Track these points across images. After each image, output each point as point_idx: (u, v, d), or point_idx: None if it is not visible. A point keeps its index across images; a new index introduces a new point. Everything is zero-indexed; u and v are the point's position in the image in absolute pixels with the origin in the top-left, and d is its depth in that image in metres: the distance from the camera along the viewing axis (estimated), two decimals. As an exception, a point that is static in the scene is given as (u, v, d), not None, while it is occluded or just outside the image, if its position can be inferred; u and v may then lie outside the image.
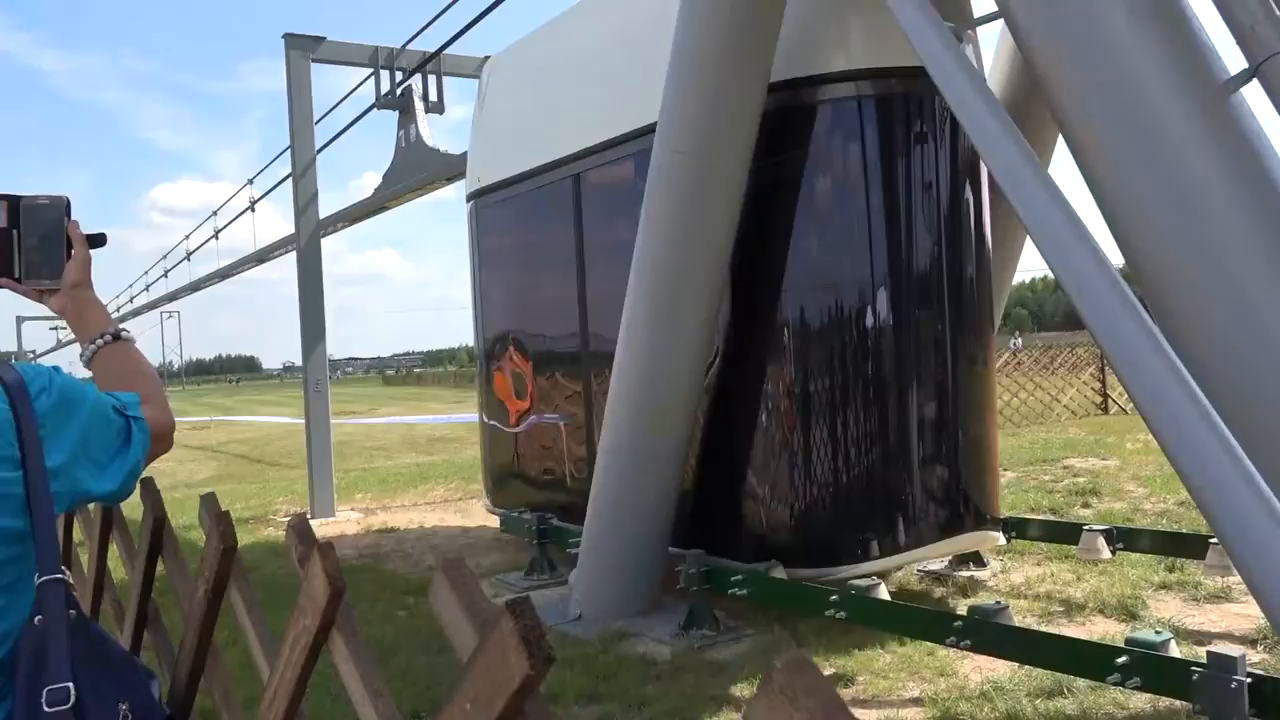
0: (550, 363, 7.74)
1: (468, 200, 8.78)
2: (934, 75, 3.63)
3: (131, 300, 39.34)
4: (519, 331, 8.11)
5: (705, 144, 5.37)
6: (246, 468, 19.28)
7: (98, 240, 1.64)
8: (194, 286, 28.28)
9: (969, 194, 5.91)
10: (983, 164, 5.34)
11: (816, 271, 5.82)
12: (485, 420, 8.73)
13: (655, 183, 5.60)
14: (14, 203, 1.56)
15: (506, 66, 8.59)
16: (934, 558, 6.46)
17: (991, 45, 6.21)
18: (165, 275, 30.69)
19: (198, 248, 24.70)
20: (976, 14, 5.75)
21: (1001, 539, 6.34)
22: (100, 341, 1.59)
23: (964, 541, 6.06)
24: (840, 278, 5.74)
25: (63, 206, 1.59)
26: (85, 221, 1.61)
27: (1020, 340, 50.14)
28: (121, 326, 1.65)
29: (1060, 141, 4.21)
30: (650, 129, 5.69)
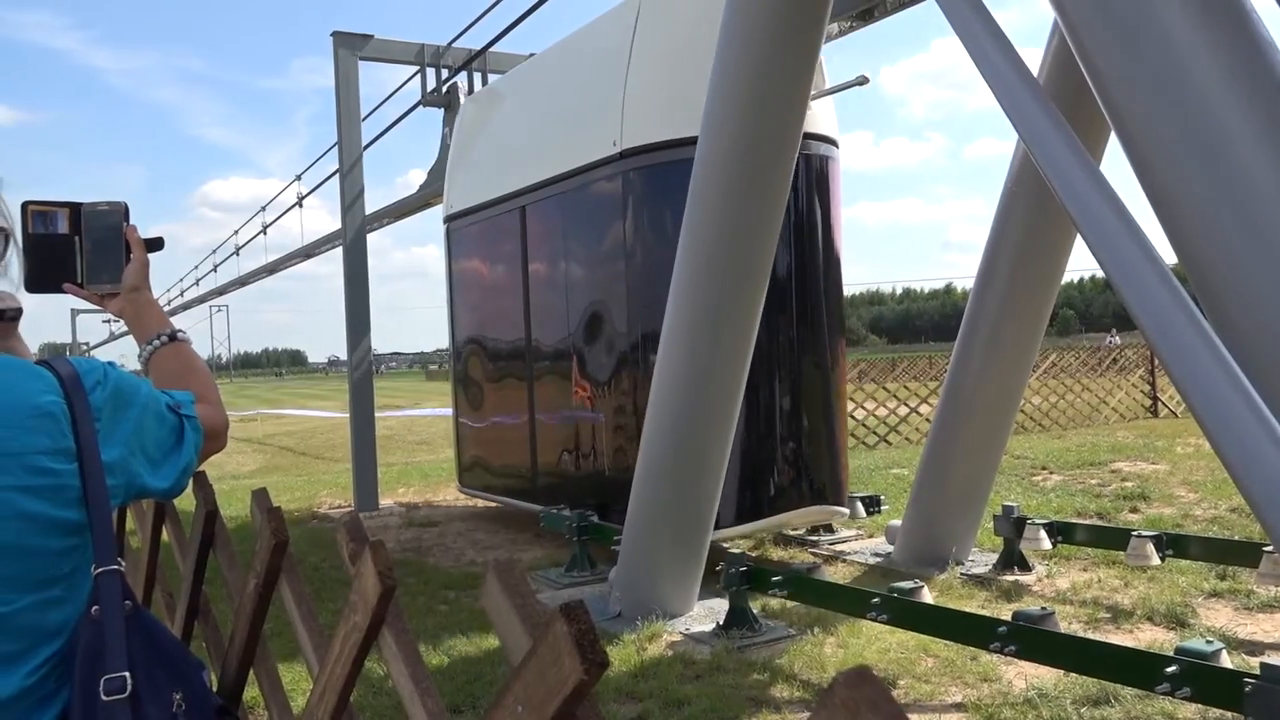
0: (502, 364, 9.18)
1: (444, 223, 10.12)
2: (982, 71, 3.58)
3: (182, 294, 40.05)
4: (481, 337, 9.65)
5: (749, 143, 5.36)
6: (292, 460, 19.53)
7: (155, 244, 1.67)
8: (242, 281, 28.71)
9: (824, 220, 7.26)
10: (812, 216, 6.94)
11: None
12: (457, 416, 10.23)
13: (699, 182, 5.60)
14: (76, 210, 1.61)
15: (477, 106, 10.00)
16: (791, 525, 7.81)
17: (1039, 42, 6.12)
18: (214, 270, 31.22)
19: (246, 243, 25.10)
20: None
21: (847, 513, 7.67)
22: (157, 342, 1.62)
23: (814, 514, 7.33)
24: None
25: (121, 212, 1.63)
26: (139, 217, 1.65)
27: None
28: (178, 327, 1.68)
29: (1112, 139, 4.14)
30: (572, 174, 7.65)
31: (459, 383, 10.18)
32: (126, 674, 1.24)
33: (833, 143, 7.43)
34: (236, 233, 25.32)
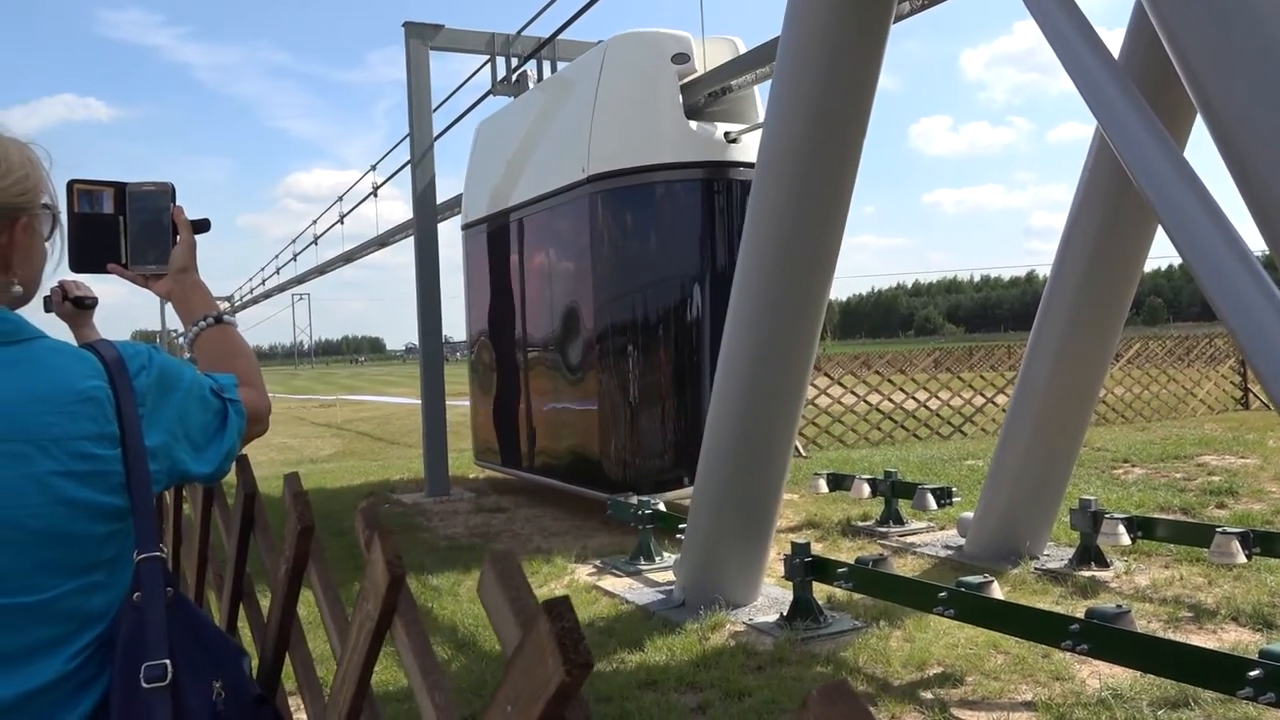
0: (502, 353, 10.64)
1: (461, 230, 11.63)
2: (1058, 52, 3.43)
3: (264, 282, 41.04)
4: (486, 330, 11.09)
5: (815, 127, 5.26)
6: (368, 445, 19.91)
7: (202, 225, 1.65)
8: (320, 270, 29.29)
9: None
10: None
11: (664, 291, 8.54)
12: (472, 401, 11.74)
13: (764, 167, 5.52)
14: (120, 189, 1.58)
15: (489, 127, 11.36)
16: None
17: (1121, 22, 5.88)
18: (294, 259, 31.90)
19: (324, 232, 25.59)
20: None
21: None
22: (203, 324, 1.61)
23: None
24: (679, 299, 8.50)
25: (168, 193, 1.61)
26: (227, 208, 1.64)
27: None
28: (224, 309, 1.68)
29: (1197, 125, 3.94)
30: (553, 193, 9.21)
31: (472, 370, 11.67)
32: (167, 661, 1.23)
33: None
34: (314, 222, 25.81)
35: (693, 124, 8.37)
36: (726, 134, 8.42)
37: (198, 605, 2.40)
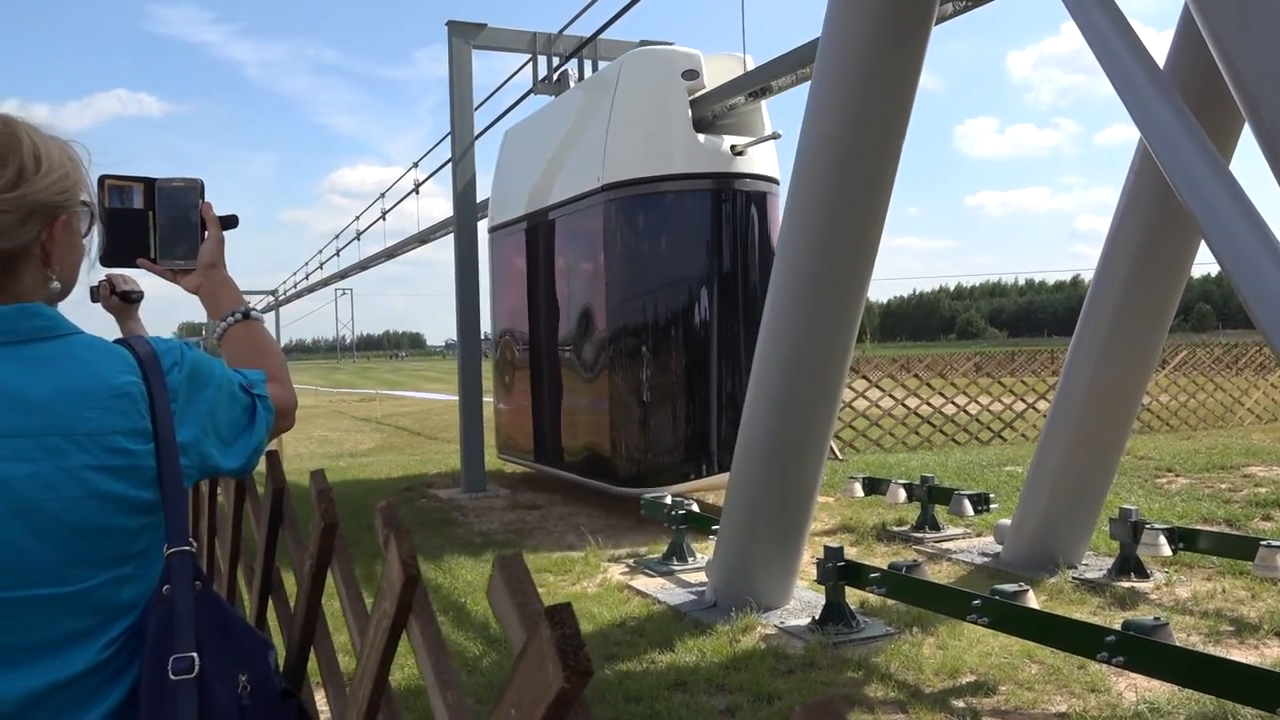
0: (520, 352, 11.08)
1: (487, 233, 12.00)
2: (1098, 56, 3.37)
3: (307, 277, 41.52)
4: (509, 330, 11.56)
5: (854, 128, 5.22)
6: (407, 440, 20.08)
7: (230, 222, 1.67)
8: (362, 265, 29.56)
9: (762, 243, 8.98)
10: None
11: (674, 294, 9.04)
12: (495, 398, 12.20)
13: (801, 168, 5.49)
14: (150, 185, 1.61)
15: (513, 136, 11.78)
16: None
17: (1168, 24, 5.77)
18: (338, 254, 32.25)
19: (367, 228, 25.84)
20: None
21: None
22: (231, 319, 1.63)
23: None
24: (687, 303, 9.01)
25: (197, 189, 1.63)
26: (273, 203, 1.66)
27: None
28: (251, 305, 1.69)
29: (1244, 135, 3.86)
30: (570, 200, 9.68)
31: (495, 367, 12.07)
32: (194, 654, 1.25)
33: (774, 181, 9.21)
34: (357, 218, 26.08)
35: (701, 137, 8.87)
36: (733, 146, 8.90)
37: (230, 596, 2.44)
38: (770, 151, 9.20)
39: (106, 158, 1.50)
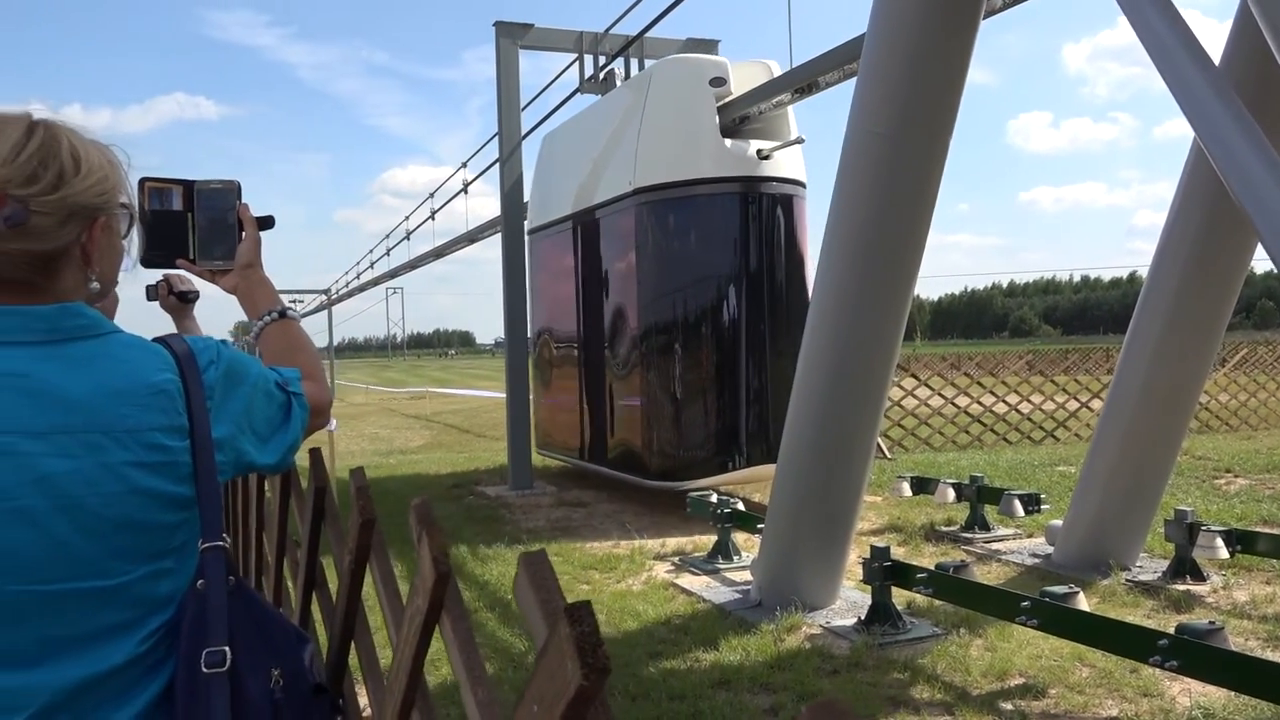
0: (561, 350, 11.41)
1: (527, 235, 12.17)
2: (1149, 50, 3.30)
3: (358, 276, 41.99)
4: (549, 328, 11.86)
5: (900, 125, 5.17)
6: (456, 437, 20.26)
7: (267, 222, 1.70)
8: (412, 264, 29.82)
9: (788, 243, 9.36)
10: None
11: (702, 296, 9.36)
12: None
13: (847, 165, 5.45)
14: (189, 187, 1.64)
15: (550, 141, 12.06)
16: (759, 480, 9.42)
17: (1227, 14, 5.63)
18: (388, 253, 32.57)
19: (416, 228, 26.06)
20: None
21: None
22: (268, 318, 1.66)
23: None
24: (715, 301, 9.33)
25: (235, 190, 1.66)
26: (326, 203, 1.68)
27: None
28: (288, 305, 1.72)
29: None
30: (605, 203, 10.03)
31: (535, 365, 12.28)
32: (226, 648, 1.28)
33: (800, 184, 9.52)
34: (407, 218, 26.31)
35: (728, 142, 9.17)
36: (759, 151, 9.19)
37: (278, 590, 2.48)
38: (797, 155, 9.50)
39: (166, 160, 1.54)
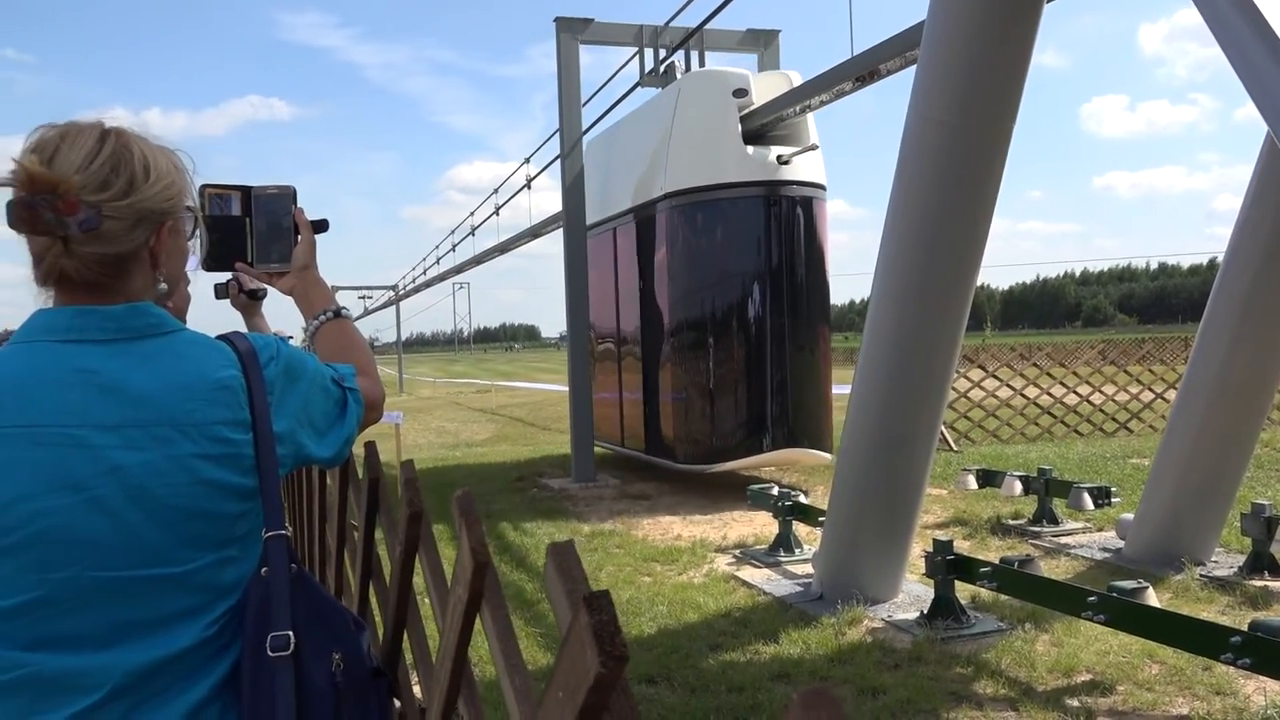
0: (604, 344, 12.13)
1: None
2: (1212, 29, 3.21)
3: (424, 272, 42.55)
4: (594, 323, 12.29)
5: (962, 112, 5.09)
6: (521, 430, 20.46)
7: (321, 225, 1.76)
8: (477, 260, 30.13)
9: (808, 242, 9.96)
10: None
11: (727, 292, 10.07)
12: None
13: (907, 154, 5.38)
14: (246, 192, 1.70)
15: (594, 147, 12.46)
16: (779, 463, 10.50)
17: None
18: (453, 249, 32.96)
19: (481, 223, 26.33)
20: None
21: (829, 458, 9.51)
22: (323, 317, 1.72)
23: (796, 455, 10.02)
24: (735, 297, 10.01)
25: (290, 195, 1.72)
26: (394, 200, 1.73)
27: None
28: (342, 304, 1.77)
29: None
30: (640, 207, 10.84)
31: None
32: (290, 633, 1.33)
33: (820, 187, 10.14)
34: (472, 214, 26.58)
35: (750, 148, 9.79)
36: (779, 157, 9.77)
37: (338, 580, 2.55)
38: (817, 160, 10.13)
39: (241, 162, 1.59)
